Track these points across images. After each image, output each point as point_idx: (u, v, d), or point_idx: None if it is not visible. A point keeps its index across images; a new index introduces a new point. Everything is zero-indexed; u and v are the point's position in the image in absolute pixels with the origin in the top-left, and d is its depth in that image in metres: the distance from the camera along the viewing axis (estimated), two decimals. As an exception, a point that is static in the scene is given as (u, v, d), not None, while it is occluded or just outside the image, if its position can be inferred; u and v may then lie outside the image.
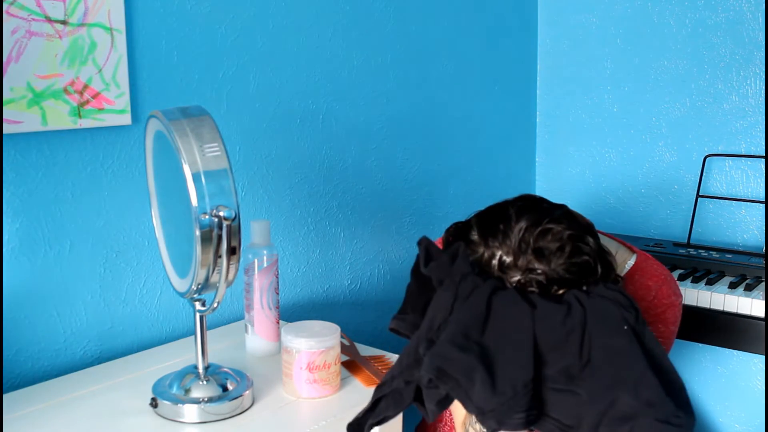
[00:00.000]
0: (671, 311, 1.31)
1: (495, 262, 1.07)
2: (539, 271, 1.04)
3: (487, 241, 1.08)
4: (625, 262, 1.31)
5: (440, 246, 1.15)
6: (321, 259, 1.73)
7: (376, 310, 1.87)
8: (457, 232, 1.13)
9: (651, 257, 1.35)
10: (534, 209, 1.10)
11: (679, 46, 2.04)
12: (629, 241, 1.99)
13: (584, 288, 1.05)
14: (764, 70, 1.92)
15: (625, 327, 1.01)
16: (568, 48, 2.23)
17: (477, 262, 1.08)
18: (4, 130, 1.19)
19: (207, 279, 1.08)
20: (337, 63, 1.70)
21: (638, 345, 0.99)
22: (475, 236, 1.09)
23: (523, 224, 1.07)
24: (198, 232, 1.04)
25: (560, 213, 1.10)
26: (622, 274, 1.30)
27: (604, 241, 1.30)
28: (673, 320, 1.32)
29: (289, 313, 1.65)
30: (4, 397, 1.19)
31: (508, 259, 1.06)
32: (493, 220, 1.10)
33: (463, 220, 1.17)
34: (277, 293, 1.36)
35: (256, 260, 1.33)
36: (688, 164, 2.07)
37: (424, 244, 1.07)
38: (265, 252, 1.33)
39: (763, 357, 1.93)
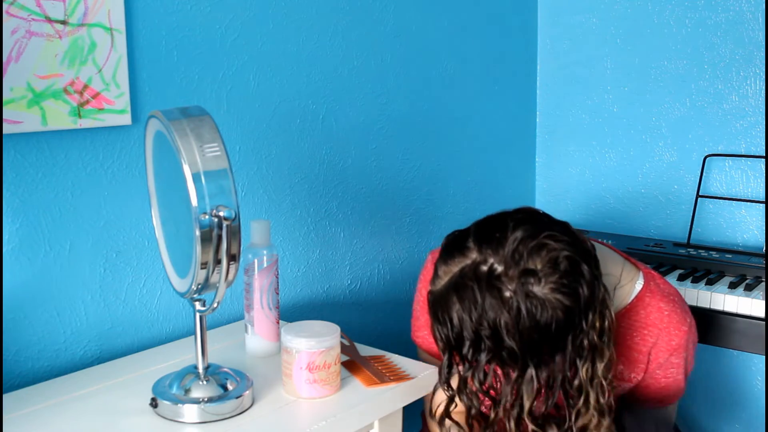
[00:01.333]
0: (692, 337, 1.29)
1: (485, 268, 1.06)
2: (530, 286, 1.04)
3: (481, 248, 1.07)
4: (633, 281, 1.28)
5: (436, 254, 1.15)
6: (321, 259, 1.73)
7: (376, 310, 1.87)
8: (455, 239, 1.12)
9: (656, 274, 1.33)
10: (533, 222, 1.09)
11: (679, 46, 2.04)
12: (629, 242, 1.99)
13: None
14: (764, 70, 1.92)
15: None
16: (568, 48, 2.23)
17: (466, 268, 1.08)
18: (4, 130, 1.19)
19: (207, 279, 1.08)
20: (337, 63, 1.70)
21: None
22: (470, 243, 1.09)
23: (519, 234, 1.06)
24: (198, 232, 1.04)
25: (560, 230, 1.09)
26: (631, 298, 1.28)
27: (611, 257, 1.28)
28: (694, 340, 1.31)
29: (289, 313, 1.65)
30: (4, 397, 1.19)
31: (499, 268, 1.05)
32: (491, 228, 1.10)
33: (462, 220, 1.17)
34: (277, 293, 1.36)
35: (256, 260, 1.33)
36: (688, 164, 2.07)
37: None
38: (265, 252, 1.33)
39: (763, 357, 1.93)
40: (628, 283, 1.27)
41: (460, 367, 1.13)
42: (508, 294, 1.04)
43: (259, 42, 1.55)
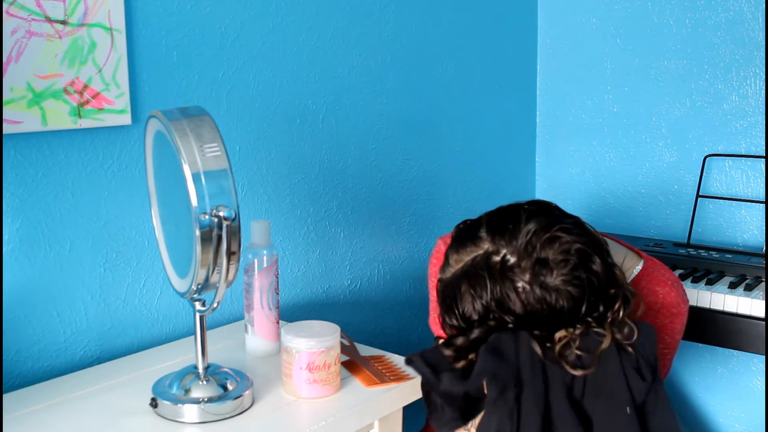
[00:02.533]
0: (678, 320, 1.29)
1: (497, 259, 1.07)
2: (542, 277, 1.04)
3: (494, 238, 1.08)
4: (633, 267, 1.30)
5: (447, 242, 1.16)
6: (321, 259, 1.73)
7: (376, 310, 1.87)
8: (466, 228, 1.13)
9: (659, 262, 1.33)
10: (546, 214, 1.10)
11: (679, 46, 2.04)
12: (629, 241, 1.99)
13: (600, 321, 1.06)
14: (764, 70, 1.92)
15: (628, 410, 1.04)
16: (568, 48, 2.23)
17: (478, 258, 1.08)
18: (4, 130, 1.19)
19: (207, 279, 1.08)
20: (337, 63, 1.70)
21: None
22: (482, 233, 1.10)
23: (532, 227, 1.07)
24: (198, 232, 1.04)
25: (571, 222, 1.10)
26: (629, 281, 1.28)
27: (613, 247, 1.29)
28: (680, 329, 1.31)
29: (289, 313, 1.65)
30: (4, 397, 1.19)
31: (512, 259, 1.06)
32: (504, 219, 1.10)
33: (466, 218, 1.18)
34: (277, 293, 1.36)
35: (256, 260, 1.33)
36: (688, 164, 2.07)
37: (419, 359, 1.09)
38: (265, 252, 1.33)
39: (763, 357, 1.93)
40: (628, 270, 1.28)
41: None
42: (520, 285, 1.05)
43: (259, 42, 1.55)
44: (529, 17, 2.25)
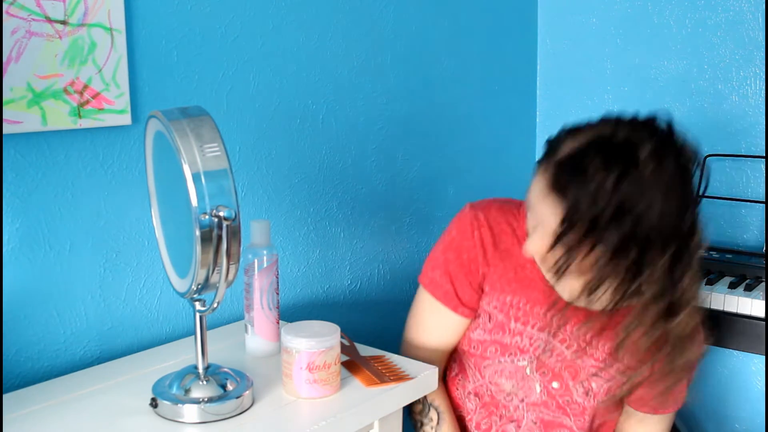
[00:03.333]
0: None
1: (629, 139, 1.13)
2: (659, 174, 1.11)
3: (630, 126, 1.17)
4: None
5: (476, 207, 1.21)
6: (321, 259, 1.73)
7: (376, 310, 1.87)
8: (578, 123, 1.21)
9: None
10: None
11: (679, 46, 2.04)
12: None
13: None
14: (764, 70, 1.92)
15: None
16: (568, 48, 2.23)
17: (607, 132, 1.14)
18: (4, 130, 1.19)
19: (207, 279, 1.08)
20: (337, 63, 1.70)
21: None
22: (608, 118, 1.16)
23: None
24: (198, 232, 1.04)
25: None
26: None
27: None
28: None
29: (289, 313, 1.65)
30: (4, 397, 1.19)
31: (644, 148, 1.11)
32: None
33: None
34: (277, 293, 1.36)
35: (256, 260, 1.33)
36: (688, 164, 2.06)
37: None
38: (265, 252, 1.33)
39: (763, 357, 1.93)
40: None
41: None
42: (641, 171, 1.10)
43: (259, 42, 1.55)
44: (529, 17, 2.25)
